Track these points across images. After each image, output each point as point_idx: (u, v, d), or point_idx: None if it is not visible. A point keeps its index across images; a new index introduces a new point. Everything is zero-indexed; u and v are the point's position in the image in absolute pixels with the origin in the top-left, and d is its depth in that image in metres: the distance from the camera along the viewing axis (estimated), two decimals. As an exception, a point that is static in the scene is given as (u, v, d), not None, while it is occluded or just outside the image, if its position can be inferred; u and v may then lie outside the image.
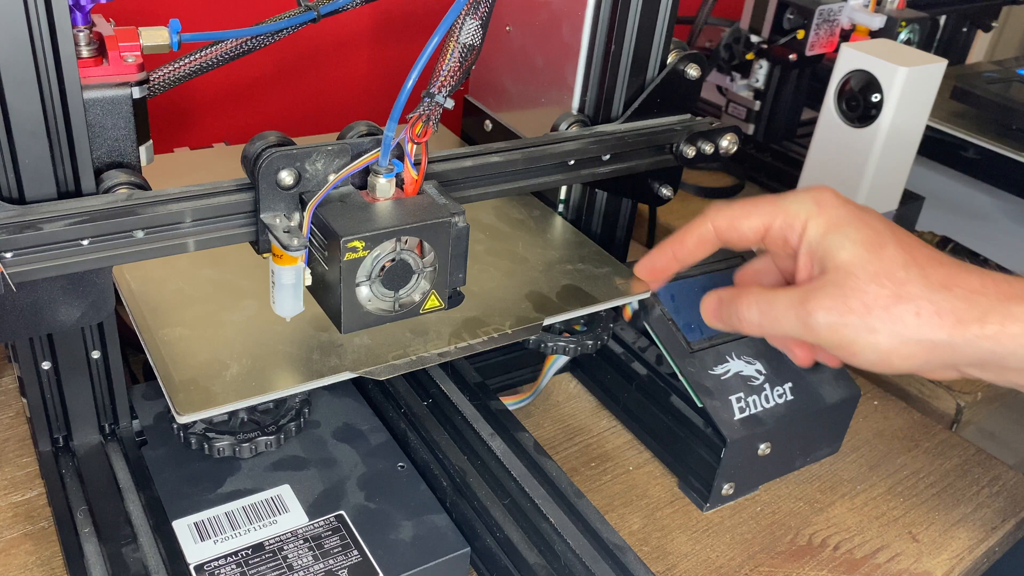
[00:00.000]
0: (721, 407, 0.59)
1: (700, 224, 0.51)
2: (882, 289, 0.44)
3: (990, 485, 0.66)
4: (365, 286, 0.46)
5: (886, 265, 0.45)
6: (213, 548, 0.49)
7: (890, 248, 0.45)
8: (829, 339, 0.46)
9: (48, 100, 0.42)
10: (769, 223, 0.49)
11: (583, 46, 0.61)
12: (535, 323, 0.55)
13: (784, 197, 0.49)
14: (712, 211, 0.51)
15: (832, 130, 0.77)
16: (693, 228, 0.52)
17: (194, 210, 0.45)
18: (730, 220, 0.50)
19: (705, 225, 0.51)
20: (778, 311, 0.47)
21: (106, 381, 0.53)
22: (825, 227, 0.47)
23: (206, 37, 0.50)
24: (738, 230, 0.50)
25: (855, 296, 0.44)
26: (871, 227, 0.46)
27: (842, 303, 0.45)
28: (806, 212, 0.48)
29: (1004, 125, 0.89)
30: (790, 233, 0.48)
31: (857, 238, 0.46)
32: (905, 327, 0.44)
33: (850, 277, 0.45)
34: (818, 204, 0.48)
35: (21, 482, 0.57)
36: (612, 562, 0.49)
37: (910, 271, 0.44)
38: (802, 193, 0.49)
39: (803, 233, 0.47)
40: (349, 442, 0.57)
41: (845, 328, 0.45)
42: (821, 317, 0.45)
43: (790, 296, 0.47)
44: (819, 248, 0.47)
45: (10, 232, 0.41)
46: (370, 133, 0.48)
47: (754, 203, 0.50)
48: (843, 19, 0.92)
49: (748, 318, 0.49)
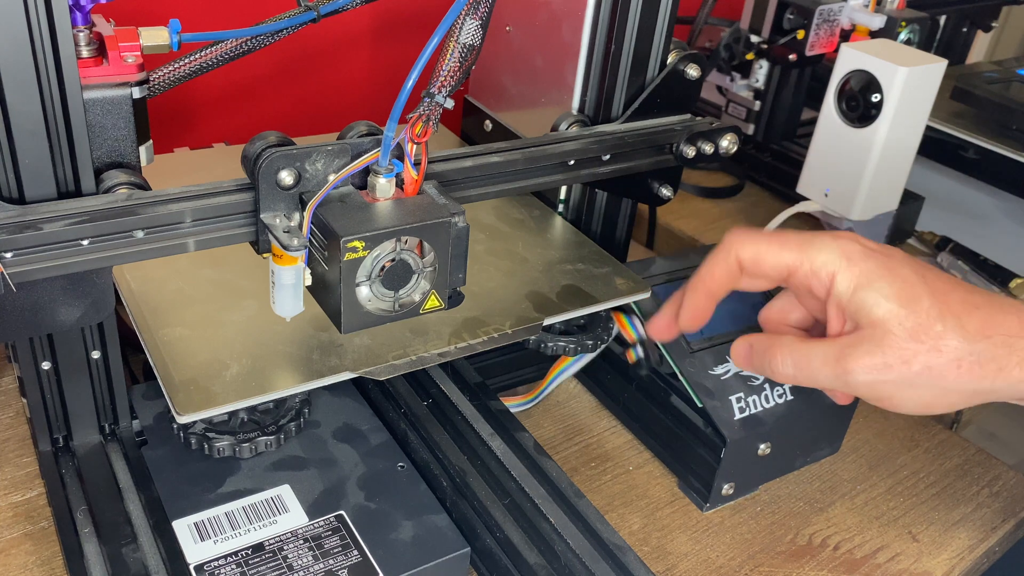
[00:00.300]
0: (721, 407, 0.59)
1: (725, 255, 0.49)
2: (921, 345, 0.43)
3: (990, 485, 0.66)
4: (365, 286, 0.46)
5: (922, 320, 0.44)
6: (213, 548, 0.49)
7: (924, 301, 0.44)
8: (868, 394, 0.45)
9: (48, 100, 0.42)
10: (795, 268, 0.47)
11: (583, 46, 0.61)
12: (535, 323, 0.55)
13: (811, 242, 0.47)
14: (737, 240, 0.49)
15: (832, 130, 0.77)
16: (719, 260, 0.49)
17: (194, 210, 0.45)
18: (756, 254, 0.48)
19: (730, 256, 0.49)
20: (814, 366, 0.46)
21: (106, 381, 0.53)
22: (855, 283, 0.45)
23: (206, 37, 0.50)
24: (762, 266, 0.48)
25: (893, 353, 0.44)
26: (902, 279, 0.45)
27: (881, 361, 0.44)
28: (834, 265, 0.46)
29: (1004, 125, 0.89)
30: (816, 284, 0.47)
31: (890, 293, 0.44)
32: (946, 380, 0.43)
33: (888, 335, 0.44)
34: (847, 258, 0.46)
35: (21, 482, 0.57)
36: (612, 562, 0.49)
37: (947, 323, 0.44)
38: (829, 242, 0.47)
39: (831, 287, 0.46)
40: (349, 442, 0.57)
41: (884, 385, 0.44)
42: (860, 375, 0.44)
43: (826, 352, 0.46)
44: (850, 305, 0.45)
45: (10, 232, 0.41)
46: (370, 133, 0.48)
47: (781, 240, 0.48)
48: (843, 19, 0.92)
49: (782, 371, 0.48)
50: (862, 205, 0.77)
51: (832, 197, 0.79)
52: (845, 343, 0.45)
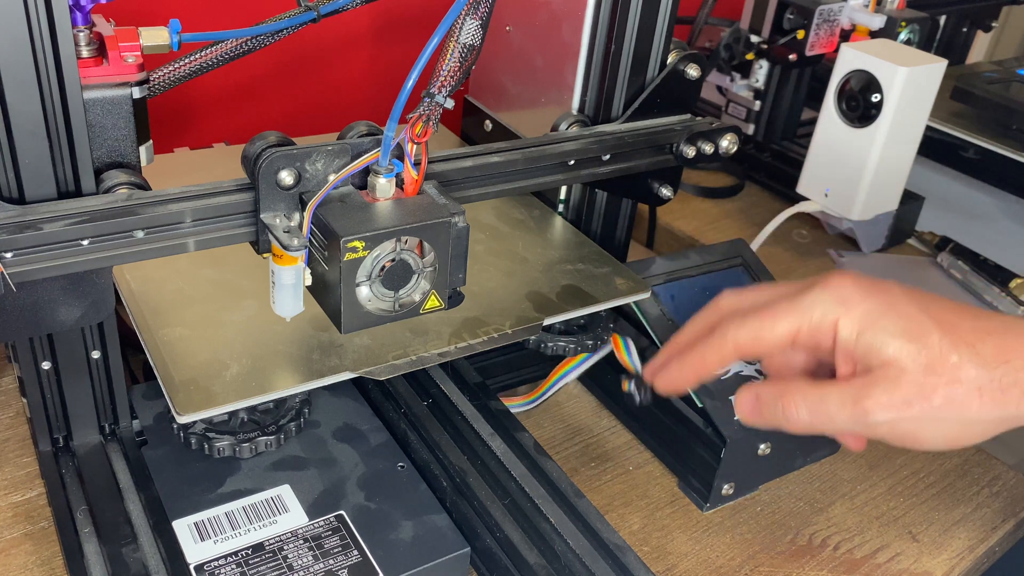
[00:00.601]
0: (721, 407, 0.59)
1: (720, 346, 0.47)
2: (939, 378, 0.42)
3: (990, 485, 0.66)
4: (365, 286, 0.46)
5: (935, 353, 0.42)
6: (213, 548, 0.49)
7: (934, 334, 0.43)
8: (890, 434, 0.44)
9: (48, 100, 0.42)
10: (795, 332, 0.45)
11: (583, 46, 0.61)
12: (535, 323, 0.55)
13: (803, 297, 0.46)
14: (731, 327, 0.47)
15: (832, 130, 0.77)
16: (713, 348, 0.47)
17: (194, 210, 0.45)
18: (753, 336, 0.46)
19: (726, 347, 0.47)
20: (831, 411, 0.44)
21: (106, 381, 0.53)
22: (859, 327, 0.44)
23: (206, 37, 0.50)
24: (763, 344, 0.46)
25: (912, 389, 0.42)
26: (906, 315, 0.44)
27: (900, 399, 0.43)
28: (833, 314, 0.45)
29: (1004, 125, 0.89)
30: (820, 338, 0.45)
31: (896, 331, 0.43)
32: (970, 410, 0.42)
33: (903, 373, 0.42)
34: (843, 303, 0.45)
35: (21, 482, 0.57)
36: (612, 562, 0.49)
37: (961, 353, 0.42)
38: (821, 292, 0.45)
39: (835, 336, 0.45)
40: (349, 442, 0.57)
41: (906, 423, 0.43)
42: (880, 415, 0.43)
43: (842, 394, 0.44)
44: (858, 349, 0.44)
45: (10, 232, 0.41)
46: (370, 133, 0.48)
47: (771, 309, 0.46)
48: (843, 19, 0.92)
49: (797, 418, 0.46)
50: (862, 205, 0.77)
51: (832, 197, 0.79)
52: (860, 384, 0.44)
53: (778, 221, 0.81)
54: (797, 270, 0.87)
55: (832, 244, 0.92)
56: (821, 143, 0.79)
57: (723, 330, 0.47)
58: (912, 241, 0.92)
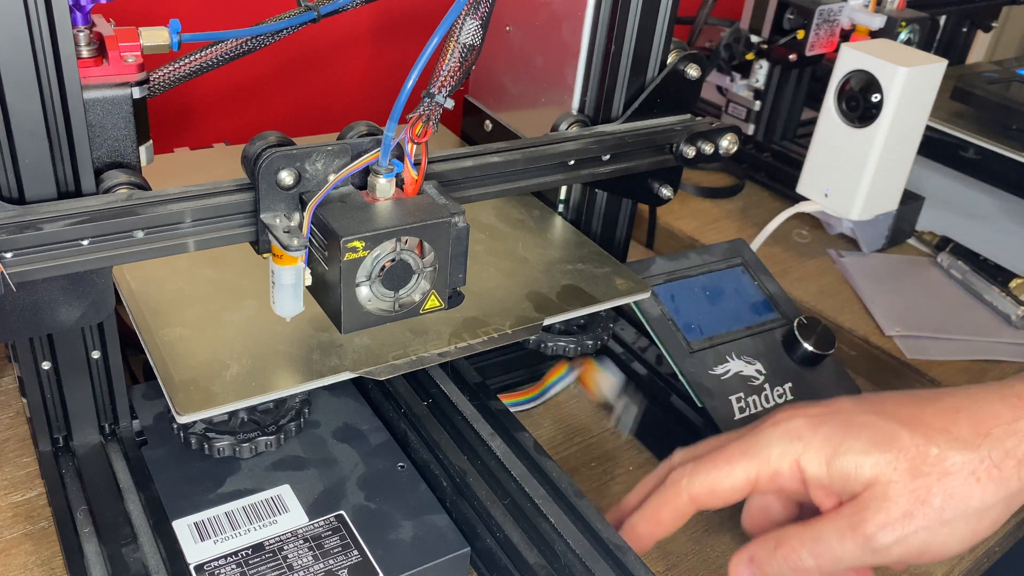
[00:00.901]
0: (721, 407, 0.59)
1: (674, 497, 0.45)
2: (928, 478, 0.40)
3: (990, 485, 0.66)
4: (365, 286, 0.46)
5: (912, 453, 0.41)
6: (213, 548, 0.49)
7: (904, 437, 0.41)
8: (901, 554, 0.42)
9: (48, 100, 0.42)
10: (754, 478, 0.44)
11: (583, 46, 0.61)
12: (535, 323, 0.55)
13: (756, 440, 0.44)
14: (685, 477, 0.45)
15: (832, 130, 0.77)
16: (667, 502, 0.46)
17: (194, 210, 0.45)
18: (709, 487, 0.45)
19: (680, 498, 0.45)
20: (833, 548, 0.42)
21: (106, 381, 0.53)
22: (824, 458, 0.42)
23: (206, 37, 0.50)
24: (720, 495, 0.45)
25: (906, 500, 0.41)
26: (867, 427, 0.42)
27: (898, 513, 0.41)
28: (791, 454, 0.43)
29: (1004, 125, 0.89)
30: (785, 481, 0.44)
31: (864, 447, 0.42)
32: (972, 499, 0.40)
33: (890, 486, 0.41)
34: (797, 439, 0.43)
35: (21, 482, 0.57)
36: (612, 562, 0.49)
37: (938, 443, 0.41)
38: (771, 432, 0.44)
39: (803, 475, 0.43)
40: (349, 442, 0.57)
41: (915, 536, 0.41)
42: (885, 536, 0.41)
43: (837, 527, 0.42)
44: (833, 480, 0.42)
45: (10, 232, 0.41)
46: (370, 133, 0.48)
47: (726, 456, 0.45)
48: (843, 19, 0.92)
49: (802, 566, 0.43)
50: (862, 205, 0.77)
51: (832, 197, 0.79)
52: (852, 511, 0.42)
53: (778, 221, 0.81)
54: (797, 270, 0.87)
55: (832, 244, 0.92)
56: (821, 143, 0.79)
57: (675, 479, 0.45)
58: (912, 241, 0.92)
